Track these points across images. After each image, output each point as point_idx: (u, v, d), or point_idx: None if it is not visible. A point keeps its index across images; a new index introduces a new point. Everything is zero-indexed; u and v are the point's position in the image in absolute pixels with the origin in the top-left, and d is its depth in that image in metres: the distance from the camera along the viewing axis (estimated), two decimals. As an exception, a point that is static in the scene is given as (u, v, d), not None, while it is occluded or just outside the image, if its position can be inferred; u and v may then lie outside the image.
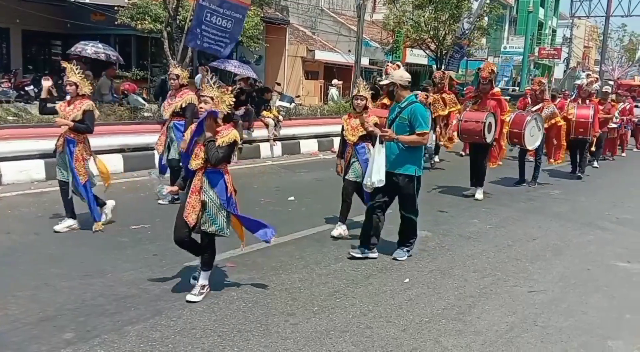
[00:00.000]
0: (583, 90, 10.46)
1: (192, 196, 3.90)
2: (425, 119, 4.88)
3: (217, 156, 3.83)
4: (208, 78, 3.93)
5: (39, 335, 3.35)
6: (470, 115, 7.70)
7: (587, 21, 47.90)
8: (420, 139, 4.90)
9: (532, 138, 8.63)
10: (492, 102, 7.77)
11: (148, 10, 13.03)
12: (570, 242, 6.04)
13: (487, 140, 7.57)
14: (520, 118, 8.45)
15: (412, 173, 4.93)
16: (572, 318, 4.02)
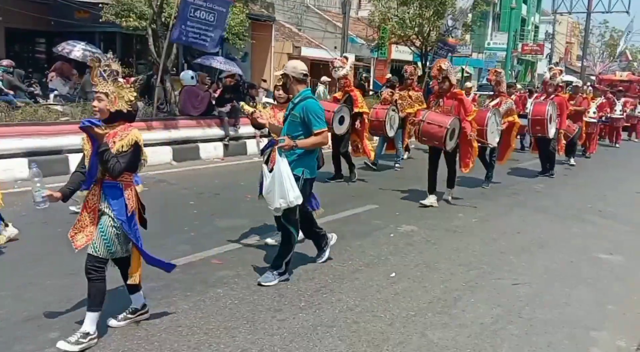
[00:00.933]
0: (548, 85, 9.90)
1: (83, 212, 3.34)
2: (320, 115, 4.30)
3: (116, 166, 3.15)
4: (100, 70, 3.24)
5: (23, 335, 3.31)
6: (434, 117, 6.89)
7: (569, 17, 48.38)
8: (320, 140, 4.30)
9: (493, 134, 8.11)
10: (454, 103, 6.98)
11: (133, 7, 12.88)
12: (554, 236, 6.11)
13: (447, 148, 6.84)
14: (480, 115, 7.80)
15: (298, 174, 4.25)
16: (556, 310, 4.07)
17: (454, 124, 6.79)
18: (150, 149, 9.43)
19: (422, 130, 6.91)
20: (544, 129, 9.13)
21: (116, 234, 3.27)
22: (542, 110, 9.09)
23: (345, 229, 5.87)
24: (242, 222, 5.90)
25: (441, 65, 6.87)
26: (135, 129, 3.32)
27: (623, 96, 16.75)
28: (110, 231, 3.26)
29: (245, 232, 5.56)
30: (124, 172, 3.26)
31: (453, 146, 6.98)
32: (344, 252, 5.11)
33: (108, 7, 13.12)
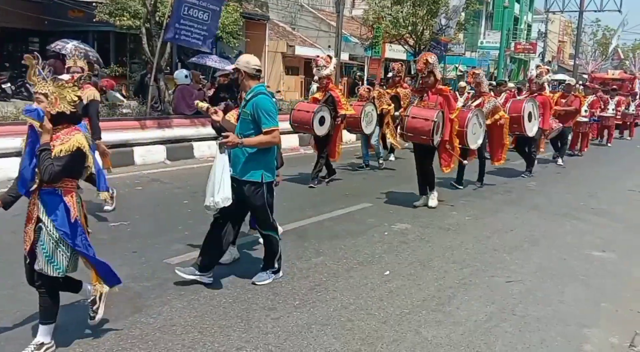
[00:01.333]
0: (534, 83, 9.74)
1: (27, 224, 3.10)
2: (271, 113, 4.00)
3: (51, 170, 2.88)
4: (38, 69, 2.94)
5: (17, 335, 3.30)
6: (418, 111, 6.60)
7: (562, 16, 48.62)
8: (269, 139, 4.01)
9: (474, 136, 7.72)
10: (439, 99, 6.68)
11: (127, 6, 12.86)
12: (547, 233, 6.15)
13: (434, 143, 6.55)
14: (461, 115, 7.39)
15: (257, 179, 4.06)
16: (549, 307, 4.10)
17: (439, 118, 6.56)
18: (144, 148, 9.44)
19: (407, 125, 6.58)
20: (521, 127, 8.89)
21: (57, 247, 3.00)
22: (519, 108, 8.88)
23: (340, 228, 5.88)
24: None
25: (427, 59, 6.52)
26: (80, 134, 3.03)
27: (617, 95, 16.43)
28: (50, 246, 3.00)
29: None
30: (64, 178, 2.99)
31: (439, 141, 6.73)
32: (338, 251, 5.12)
33: (102, 6, 13.10)
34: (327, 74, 7.88)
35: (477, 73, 8.37)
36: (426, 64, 6.53)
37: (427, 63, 6.50)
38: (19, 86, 15.30)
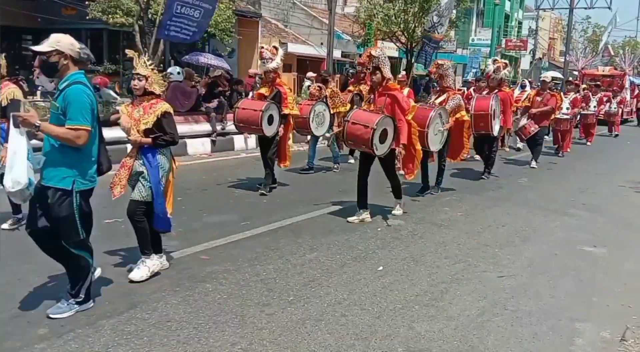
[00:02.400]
0: (491, 78, 8.86)
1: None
2: (82, 109, 3.33)
3: None
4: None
5: (12, 331, 3.30)
6: (359, 116, 5.74)
7: (552, 13, 48.90)
8: (69, 136, 3.30)
9: (436, 137, 6.88)
10: (387, 100, 5.74)
11: (119, 4, 12.84)
12: (538, 228, 6.20)
13: (377, 152, 5.67)
14: (422, 113, 6.54)
15: (65, 186, 3.38)
16: (541, 302, 4.14)
17: (384, 124, 5.59)
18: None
19: (346, 132, 5.71)
20: (488, 126, 8.15)
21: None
22: (485, 105, 8.11)
23: (333, 224, 5.91)
24: (230, 218, 5.91)
25: (371, 53, 5.68)
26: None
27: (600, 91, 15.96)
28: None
29: (233, 228, 5.56)
30: None
31: (385, 152, 5.74)
32: (332, 247, 5.15)
33: (95, 4, 13.06)
34: (274, 68, 6.99)
35: (442, 64, 7.24)
36: (370, 58, 5.65)
37: (372, 57, 5.64)
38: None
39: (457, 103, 7.27)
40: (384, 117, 5.60)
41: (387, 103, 5.74)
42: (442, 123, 6.93)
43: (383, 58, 5.66)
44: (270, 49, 6.97)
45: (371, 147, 5.58)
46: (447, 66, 7.23)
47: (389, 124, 5.70)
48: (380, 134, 5.58)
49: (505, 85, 8.93)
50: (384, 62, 5.67)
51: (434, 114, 6.72)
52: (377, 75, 5.66)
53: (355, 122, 5.67)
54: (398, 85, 6.68)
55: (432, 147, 6.90)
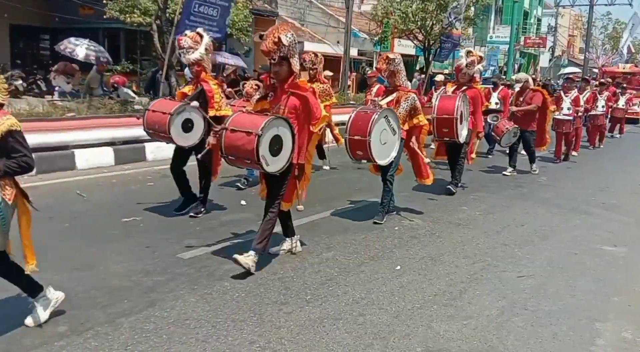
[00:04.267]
0: (462, 73, 7.40)
1: None
2: None
3: None
4: None
5: (32, 329, 3.34)
6: (241, 120, 4.25)
7: (572, 10, 48.21)
8: None
9: (384, 147, 5.63)
10: (293, 101, 4.36)
11: (137, 3, 12.97)
12: (557, 228, 6.12)
13: (268, 168, 4.22)
14: (362, 118, 5.53)
15: None
16: (560, 302, 4.09)
17: (274, 129, 4.17)
18: (154, 144, 9.50)
19: (224, 143, 4.23)
20: (453, 132, 6.76)
21: None
22: (451, 107, 6.72)
23: (349, 223, 5.90)
24: (247, 216, 5.93)
25: (280, 37, 4.17)
26: None
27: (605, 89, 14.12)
28: None
29: (249, 226, 5.58)
30: None
31: (281, 168, 4.28)
32: (349, 246, 5.14)
33: (112, 4, 13.20)
34: (197, 59, 5.54)
35: (393, 58, 5.87)
36: (277, 44, 4.18)
37: (279, 44, 4.17)
38: (30, 83, 15.47)
39: (412, 104, 5.94)
40: (272, 120, 4.15)
41: (290, 106, 4.37)
42: (391, 129, 5.69)
43: (293, 46, 4.28)
44: (192, 36, 5.62)
45: (257, 160, 4.08)
46: (399, 61, 5.92)
47: (284, 129, 4.27)
48: (270, 142, 4.14)
49: (477, 81, 7.73)
50: (293, 51, 4.29)
51: (377, 117, 5.49)
52: (283, 66, 4.28)
53: (236, 129, 4.17)
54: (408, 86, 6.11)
55: (380, 160, 5.64)
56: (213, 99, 5.67)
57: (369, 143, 5.45)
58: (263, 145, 4.11)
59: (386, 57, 5.93)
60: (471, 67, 7.33)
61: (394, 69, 5.86)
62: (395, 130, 5.76)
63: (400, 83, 5.97)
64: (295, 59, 4.35)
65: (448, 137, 6.94)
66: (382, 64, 5.92)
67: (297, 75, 4.46)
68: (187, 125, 5.61)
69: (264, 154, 4.13)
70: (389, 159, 5.78)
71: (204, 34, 5.65)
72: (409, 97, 5.98)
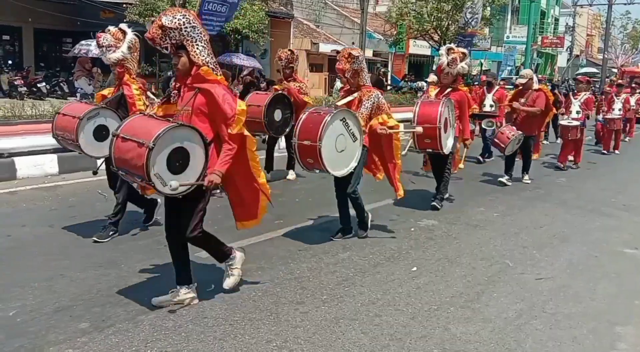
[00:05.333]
0: (444, 74, 6.61)
1: None
2: None
3: None
4: None
5: (55, 325, 3.40)
6: (137, 126, 3.40)
7: (590, 9, 47.62)
8: None
9: (342, 155, 4.88)
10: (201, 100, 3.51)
11: (156, 6, 13.16)
12: (577, 230, 6.05)
13: (164, 189, 3.31)
14: (313, 120, 4.78)
15: None
16: (580, 305, 4.05)
17: (174, 140, 3.30)
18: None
19: (113, 155, 3.38)
20: (436, 142, 6.02)
21: None
22: (433, 115, 5.94)
23: (366, 224, 5.88)
24: (264, 216, 5.94)
25: (163, 20, 3.44)
26: None
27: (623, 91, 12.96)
28: None
29: (266, 226, 5.59)
30: None
31: (184, 190, 3.37)
32: (364, 246, 5.14)
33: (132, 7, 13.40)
34: (118, 59, 4.91)
35: (356, 56, 5.08)
36: (163, 29, 3.43)
37: (165, 28, 3.42)
38: (53, 85, 15.76)
39: (375, 103, 5.19)
40: (172, 128, 3.26)
41: (198, 106, 3.51)
42: (350, 135, 4.95)
43: (188, 31, 3.44)
44: (114, 32, 4.95)
45: (147, 179, 3.22)
46: (362, 58, 5.15)
47: (192, 141, 3.38)
48: (169, 157, 3.28)
49: (462, 82, 6.97)
50: (191, 36, 3.47)
51: (330, 119, 4.69)
52: (181, 57, 3.51)
53: (127, 138, 3.30)
54: None
55: (335, 170, 4.88)
56: (134, 105, 4.93)
57: (320, 149, 4.62)
58: (158, 161, 3.22)
59: (349, 55, 5.07)
60: (453, 66, 6.49)
61: (358, 68, 5.13)
62: (357, 136, 4.98)
63: (363, 82, 5.22)
64: (197, 45, 3.49)
65: (431, 148, 6.18)
66: (345, 64, 5.09)
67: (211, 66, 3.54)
68: (101, 133, 4.83)
69: (158, 173, 3.23)
70: (347, 169, 4.99)
71: (127, 30, 5.01)
72: (372, 95, 5.21)
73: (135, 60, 5.14)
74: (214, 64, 3.59)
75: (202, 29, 3.56)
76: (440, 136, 6.00)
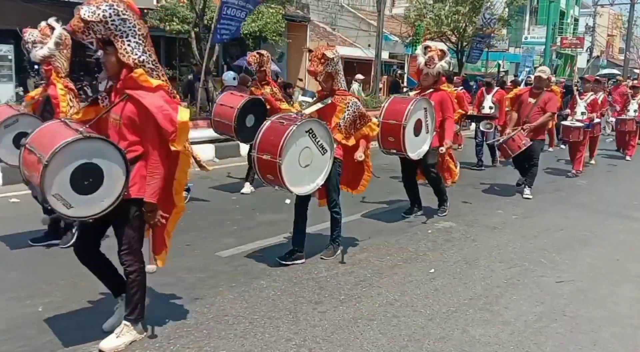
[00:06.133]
0: (423, 75, 5.98)
1: None
2: None
3: None
4: None
5: (82, 321, 3.48)
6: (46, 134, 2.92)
7: (611, 9, 46.94)
8: None
9: (307, 170, 4.32)
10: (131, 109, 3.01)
11: (176, 12, 13.36)
12: (598, 232, 5.99)
13: (68, 213, 2.83)
14: (275, 131, 4.16)
15: None
16: (602, 308, 4.00)
17: (78, 156, 2.77)
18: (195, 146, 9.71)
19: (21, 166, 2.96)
20: (400, 143, 5.36)
21: None
22: (401, 111, 5.33)
23: (382, 225, 5.91)
24: (282, 217, 5.99)
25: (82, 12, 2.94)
26: None
27: None
28: None
29: (284, 227, 5.64)
30: None
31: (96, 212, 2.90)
32: (382, 248, 5.15)
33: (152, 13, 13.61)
34: (45, 56, 4.59)
35: (330, 58, 4.44)
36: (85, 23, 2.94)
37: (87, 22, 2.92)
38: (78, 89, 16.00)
39: (355, 112, 4.62)
40: (77, 141, 2.74)
41: (127, 116, 3.00)
42: (318, 148, 4.30)
43: (118, 23, 2.93)
44: (42, 28, 4.65)
45: (44, 199, 2.75)
46: (337, 59, 4.53)
47: (105, 158, 2.84)
48: (73, 174, 2.76)
49: (444, 82, 6.44)
50: (124, 32, 2.95)
51: (294, 130, 4.08)
52: (109, 56, 3.04)
53: (31, 150, 2.85)
54: None
55: (297, 187, 4.31)
56: (58, 106, 4.59)
57: (279, 166, 4.05)
58: (58, 181, 2.73)
59: (322, 55, 4.41)
60: (431, 66, 5.84)
61: (332, 70, 4.49)
62: (326, 148, 4.34)
63: (338, 87, 4.60)
64: (129, 41, 2.95)
65: (394, 148, 5.48)
66: (317, 65, 4.44)
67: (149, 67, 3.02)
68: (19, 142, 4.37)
69: (58, 193, 2.74)
70: (313, 185, 4.38)
71: (56, 26, 4.62)
72: (350, 102, 4.59)
73: (65, 58, 4.78)
74: (154, 63, 3.04)
75: (137, 22, 2.98)
76: (404, 136, 5.33)
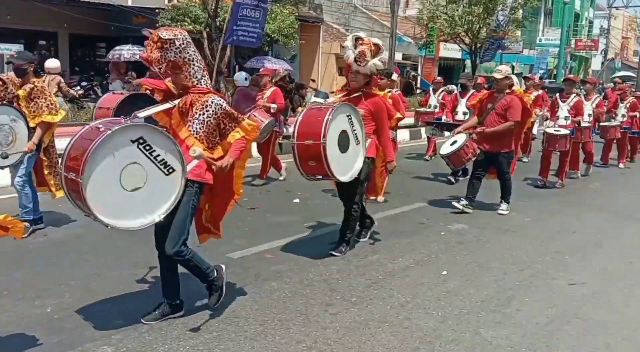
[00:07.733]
0: (352, 74, 4.79)
1: None
2: None
3: None
4: None
5: (91, 322, 3.51)
6: None
7: (625, 11, 46.42)
8: None
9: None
10: None
11: (188, 11, 13.45)
12: (611, 235, 5.93)
13: None
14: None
15: None
16: (614, 311, 3.97)
17: None
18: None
19: None
20: (323, 165, 4.39)
21: None
22: (317, 126, 4.35)
23: (395, 227, 5.89)
24: (293, 218, 6.03)
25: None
26: None
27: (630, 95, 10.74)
28: None
29: (296, 228, 5.67)
30: None
31: None
32: (394, 250, 5.14)
33: (164, 12, 13.70)
34: None
35: (169, 39, 3.25)
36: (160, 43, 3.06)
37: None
38: (88, 89, 16.22)
39: (217, 113, 3.44)
40: None
41: None
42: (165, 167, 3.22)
43: None
44: None
45: None
46: (182, 42, 3.30)
47: None
48: None
49: (377, 83, 5.61)
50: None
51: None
52: None
53: None
54: None
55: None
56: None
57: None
58: None
59: (157, 38, 3.22)
60: (362, 63, 4.62)
61: (176, 58, 3.28)
62: (175, 168, 3.25)
63: (191, 83, 3.40)
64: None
65: (319, 174, 4.51)
66: (152, 51, 3.25)
67: None
68: None
69: None
70: (160, 212, 3.35)
71: None
72: (208, 102, 3.41)
73: None
74: None
75: None
76: (326, 158, 4.33)
